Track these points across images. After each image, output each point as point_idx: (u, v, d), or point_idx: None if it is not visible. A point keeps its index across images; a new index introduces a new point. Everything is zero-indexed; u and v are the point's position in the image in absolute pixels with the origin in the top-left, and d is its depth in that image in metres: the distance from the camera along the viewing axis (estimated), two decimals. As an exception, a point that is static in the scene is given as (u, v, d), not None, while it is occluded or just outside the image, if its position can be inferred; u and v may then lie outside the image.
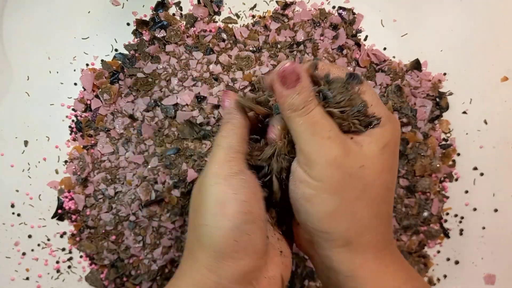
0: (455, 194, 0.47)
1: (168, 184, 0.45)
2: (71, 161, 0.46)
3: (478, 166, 0.47)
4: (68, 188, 0.46)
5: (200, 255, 0.27)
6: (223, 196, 0.26)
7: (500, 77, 0.49)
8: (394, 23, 0.50)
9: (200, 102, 0.46)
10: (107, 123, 0.46)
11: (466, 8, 0.50)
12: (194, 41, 0.48)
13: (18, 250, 0.45)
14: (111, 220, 0.45)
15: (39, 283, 0.45)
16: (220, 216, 0.26)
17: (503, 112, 0.48)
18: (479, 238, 0.47)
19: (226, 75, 0.47)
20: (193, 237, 0.28)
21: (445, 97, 0.48)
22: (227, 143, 0.29)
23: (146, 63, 0.47)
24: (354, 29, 0.49)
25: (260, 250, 0.27)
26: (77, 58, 0.48)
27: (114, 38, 0.49)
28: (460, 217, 0.47)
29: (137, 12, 0.50)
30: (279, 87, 0.26)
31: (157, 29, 0.48)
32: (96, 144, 0.46)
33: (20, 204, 0.46)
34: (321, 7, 0.50)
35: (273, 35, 0.48)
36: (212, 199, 0.26)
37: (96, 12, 0.49)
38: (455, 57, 0.49)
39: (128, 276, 0.45)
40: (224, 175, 0.27)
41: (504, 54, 0.49)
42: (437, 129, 0.48)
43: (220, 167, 0.27)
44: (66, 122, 0.47)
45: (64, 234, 0.46)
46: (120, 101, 0.47)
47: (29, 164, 0.47)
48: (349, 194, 0.26)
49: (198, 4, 0.50)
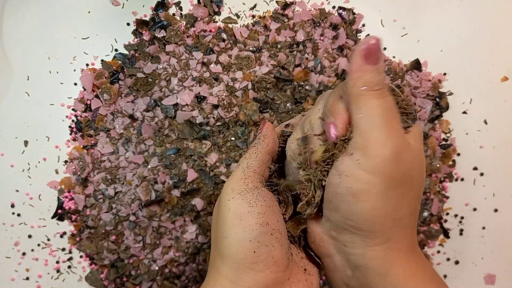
0: (455, 194, 0.47)
1: (168, 184, 0.45)
2: (71, 161, 0.46)
3: (478, 166, 0.47)
4: (68, 188, 0.46)
5: (222, 268, 0.27)
6: (239, 209, 0.27)
7: (500, 77, 0.49)
8: (394, 23, 0.50)
9: (200, 102, 0.46)
10: (107, 123, 0.46)
11: (466, 8, 0.50)
12: (194, 41, 0.48)
13: (18, 250, 0.45)
14: (111, 220, 0.45)
15: (39, 283, 0.45)
16: (237, 228, 0.27)
17: (503, 112, 0.48)
18: (479, 238, 0.47)
19: (226, 75, 0.47)
20: (215, 250, 0.29)
21: (445, 97, 0.48)
22: (246, 163, 0.30)
23: (146, 63, 0.47)
24: (354, 29, 0.49)
25: (280, 262, 0.27)
26: (77, 58, 0.48)
27: (114, 38, 0.49)
28: (460, 217, 0.47)
29: (137, 12, 0.50)
30: (360, 60, 0.24)
31: (157, 29, 0.48)
32: (96, 144, 0.46)
33: (20, 204, 0.46)
34: (321, 7, 0.50)
35: (273, 35, 0.48)
36: (230, 213, 0.27)
37: (96, 12, 0.49)
38: (455, 57, 0.49)
39: (128, 276, 0.45)
40: (239, 190, 0.28)
41: (504, 54, 0.49)
42: (437, 129, 0.48)
43: (236, 183, 0.29)
44: (66, 122, 0.47)
45: (64, 234, 0.46)
46: (120, 101, 0.47)
47: (29, 164, 0.47)
48: (397, 191, 0.25)
49: (198, 4, 0.50)
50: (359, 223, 0.25)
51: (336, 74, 0.47)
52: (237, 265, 0.26)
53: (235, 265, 0.26)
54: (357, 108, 0.25)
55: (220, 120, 0.46)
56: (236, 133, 0.46)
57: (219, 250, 0.28)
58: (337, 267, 0.28)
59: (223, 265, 0.27)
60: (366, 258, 0.26)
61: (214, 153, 0.45)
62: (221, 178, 0.45)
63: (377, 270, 0.26)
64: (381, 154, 0.24)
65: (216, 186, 0.45)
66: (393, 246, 0.26)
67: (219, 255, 0.28)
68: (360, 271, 0.26)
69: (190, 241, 0.44)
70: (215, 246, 0.29)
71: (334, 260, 0.28)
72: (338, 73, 0.47)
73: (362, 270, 0.26)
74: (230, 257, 0.27)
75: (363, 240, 0.26)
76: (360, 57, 0.25)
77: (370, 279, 0.26)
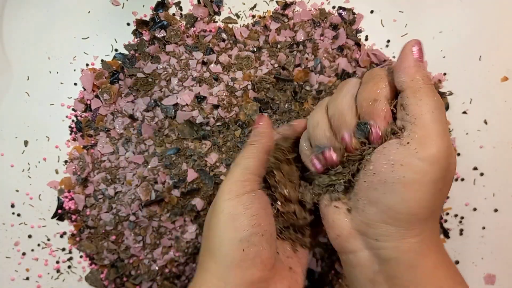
0: (455, 194, 0.47)
1: (168, 184, 0.45)
2: (71, 161, 0.46)
3: (478, 166, 0.47)
4: (68, 188, 0.46)
5: (211, 265, 0.28)
6: (234, 211, 0.28)
7: (500, 77, 0.49)
8: (394, 23, 0.50)
9: (200, 102, 0.46)
10: (107, 123, 0.46)
11: (466, 8, 0.50)
12: (194, 41, 0.48)
13: (18, 250, 0.45)
14: (111, 220, 0.45)
15: (39, 283, 0.45)
16: (230, 229, 0.28)
17: (503, 112, 0.48)
18: (479, 238, 0.47)
19: (226, 75, 0.47)
20: (206, 249, 0.29)
21: (445, 97, 0.48)
22: (245, 164, 0.30)
23: (146, 63, 0.47)
24: (354, 29, 0.49)
25: (267, 261, 0.28)
26: (77, 58, 0.48)
27: (114, 38, 0.49)
28: (460, 217, 0.47)
29: (137, 12, 0.50)
30: (413, 57, 0.27)
31: (157, 29, 0.48)
32: (96, 144, 0.46)
33: (20, 204, 0.46)
34: (321, 7, 0.50)
35: (273, 35, 0.48)
36: (224, 214, 0.28)
37: (96, 12, 0.49)
38: (455, 57, 0.49)
39: (128, 276, 0.45)
40: (237, 193, 0.29)
41: (504, 54, 0.49)
42: (437, 129, 0.48)
43: (235, 184, 0.29)
44: (66, 122, 0.47)
45: (64, 234, 0.46)
46: (120, 101, 0.47)
47: (29, 164, 0.47)
48: (440, 184, 0.25)
49: (198, 4, 0.50)
50: (403, 213, 0.25)
51: (336, 74, 0.47)
52: (226, 263, 0.27)
53: (225, 263, 0.27)
54: (418, 100, 0.25)
55: (220, 120, 0.46)
56: (236, 133, 0.46)
57: (209, 249, 0.29)
58: (361, 263, 0.28)
59: (212, 263, 0.28)
60: (399, 250, 0.26)
61: (214, 153, 0.45)
62: (221, 178, 0.45)
63: (409, 263, 0.26)
64: (440, 146, 0.24)
65: (216, 186, 0.45)
66: (427, 238, 0.26)
67: (209, 253, 0.29)
68: (390, 265, 0.26)
69: (190, 241, 0.44)
70: (205, 244, 0.29)
71: (359, 256, 0.28)
72: (338, 73, 0.47)
73: (392, 263, 0.26)
74: (220, 255, 0.28)
75: (400, 232, 0.26)
76: (413, 56, 0.27)
77: (400, 272, 0.26)
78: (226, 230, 0.28)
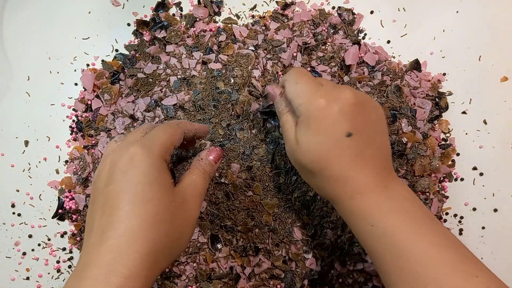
0: (455, 194, 0.47)
1: (168, 184, 0.44)
2: (71, 161, 0.46)
3: (477, 166, 0.48)
4: (68, 188, 0.46)
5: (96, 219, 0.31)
6: None
7: (500, 77, 0.49)
8: (394, 23, 0.50)
9: (200, 102, 0.46)
10: (108, 123, 0.46)
11: (466, 8, 0.50)
12: (194, 41, 0.48)
13: (19, 250, 0.45)
14: (112, 220, 0.44)
15: (39, 283, 0.45)
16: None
17: (503, 112, 0.48)
18: (479, 238, 0.47)
19: (226, 74, 0.47)
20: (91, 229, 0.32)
21: (445, 97, 0.48)
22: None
23: (146, 63, 0.47)
24: (354, 29, 0.49)
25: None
26: (77, 58, 0.49)
27: (114, 38, 0.49)
28: (460, 217, 0.47)
29: (137, 12, 0.50)
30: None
31: (158, 29, 0.48)
32: (96, 144, 0.46)
33: (20, 204, 0.46)
34: (321, 7, 0.50)
35: (272, 34, 0.48)
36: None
37: (96, 12, 0.50)
38: (455, 57, 0.49)
39: (129, 276, 0.45)
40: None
41: (504, 54, 0.49)
42: (437, 129, 0.48)
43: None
44: (67, 122, 0.47)
45: (64, 234, 0.46)
46: (121, 101, 0.47)
47: (29, 164, 0.47)
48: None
49: (198, 4, 0.50)
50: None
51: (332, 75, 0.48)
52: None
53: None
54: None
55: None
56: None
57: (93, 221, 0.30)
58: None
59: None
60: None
61: (214, 153, 0.45)
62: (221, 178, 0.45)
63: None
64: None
65: (217, 186, 0.45)
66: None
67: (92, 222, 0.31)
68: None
69: (190, 241, 0.45)
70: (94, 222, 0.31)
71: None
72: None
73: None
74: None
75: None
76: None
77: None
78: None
